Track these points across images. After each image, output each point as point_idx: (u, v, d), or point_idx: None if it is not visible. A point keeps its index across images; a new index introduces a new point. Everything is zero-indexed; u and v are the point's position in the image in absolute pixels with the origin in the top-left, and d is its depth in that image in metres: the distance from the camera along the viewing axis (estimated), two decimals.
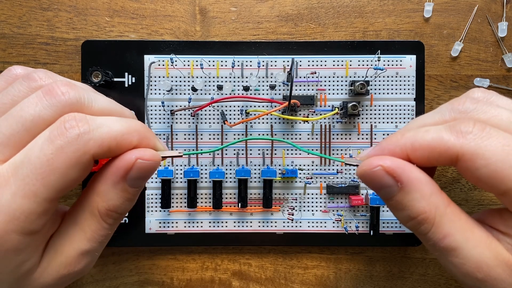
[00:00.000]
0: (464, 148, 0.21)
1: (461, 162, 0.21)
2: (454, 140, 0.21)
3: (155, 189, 0.39)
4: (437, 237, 0.22)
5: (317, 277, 0.40)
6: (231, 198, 0.39)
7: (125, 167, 0.22)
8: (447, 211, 0.22)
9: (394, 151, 0.23)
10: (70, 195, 0.40)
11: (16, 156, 0.20)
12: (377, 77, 0.38)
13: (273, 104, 0.38)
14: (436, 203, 0.22)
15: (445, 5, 0.40)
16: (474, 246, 0.21)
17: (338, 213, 0.39)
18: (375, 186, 0.23)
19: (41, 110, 0.20)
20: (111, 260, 0.40)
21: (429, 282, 0.40)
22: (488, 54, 0.40)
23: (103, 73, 0.36)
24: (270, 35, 0.40)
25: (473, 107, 0.23)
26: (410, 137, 0.22)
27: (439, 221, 0.22)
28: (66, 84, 0.21)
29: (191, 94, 0.38)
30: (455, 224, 0.22)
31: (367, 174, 0.23)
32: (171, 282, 0.40)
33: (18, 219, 0.19)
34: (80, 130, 0.20)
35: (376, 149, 0.24)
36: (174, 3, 0.40)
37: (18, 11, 0.40)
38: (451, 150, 0.21)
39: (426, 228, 0.22)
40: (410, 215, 0.22)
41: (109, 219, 0.23)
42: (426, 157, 0.22)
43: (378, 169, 0.22)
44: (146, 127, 0.23)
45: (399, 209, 0.23)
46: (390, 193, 0.23)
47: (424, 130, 0.22)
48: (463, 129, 0.21)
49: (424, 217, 0.22)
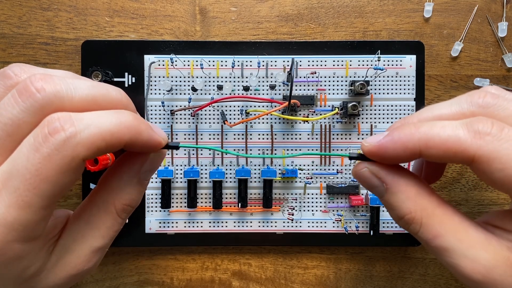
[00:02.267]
0: (481, 150, 0.20)
1: (477, 164, 0.20)
2: (471, 141, 0.20)
3: (155, 189, 0.39)
4: (427, 237, 0.22)
5: (317, 277, 0.40)
6: (231, 198, 0.39)
7: (140, 161, 0.22)
8: (436, 212, 0.22)
9: (407, 145, 0.22)
10: (70, 195, 0.40)
11: (3, 166, 0.19)
12: (377, 77, 0.38)
13: (273, 104, 0.38)
14: (423, 204, 0.22)
15: (445, 5, 0.40)
16: (468, 247, 0.21)
17: (338, 213, 0.39)
18: (366, 185, 0.24)
19: (19, 113, 0.19)
20: (111, 260, 0.40)
21: (429, 282, 0.40)
22: (488, 54, 0.40)
23: (103, 73, 0.36)
24: (270, 35, 0.40)
25: (493, 102, 0.22)
26: (425, 132, 0.21)
27: (427, 222, 0.22)
28: (41, 79, 0.19)
29: (191, 94, 0.38)
30: (446, 225, 0.22)
31: (357, 174, 0.24)
32: (171, 282, 0.40)
33: (17, 230, 0.19)
34: (66, 134, 0.18)
35: (387, 139, 0.23)
36: (174, 3, 0.40)
37: (18, 11, 0.40)
38: (467, 151, 0.20)
39: (414, 228, 0.22)
40: (398, 215, 0.23)
41: (124, 213, 0.23)
42: (440, 156, 0.21)
43: (364, 170, 0.23)
44: (138, 119, 0.21)
45: (389, 208, 0.24)
46: (379, 193, 0.24)
47: (440, 125, 0.21)
48: (481, 129, 0.20)
49: (410, 217, 0.22)
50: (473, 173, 0.40)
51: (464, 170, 0.40)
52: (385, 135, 0.23)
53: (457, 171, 0.40)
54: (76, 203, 0.40)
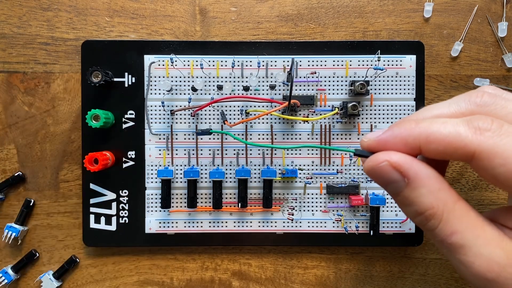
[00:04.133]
0: (481, 146, 0.20)
1: (477, 160, 0.20)
2: (471, 137, 0.20)
3: (155, 189, 0.39)
4: (445, 234, 0.21)
5: (317, 277, 0.40)
6: (231, 198, 0.39)
7: None
8: (456, 207, 0.21)
9: (407, 140, 0.22)
10: (70, 195, 0.40)
11: None
12: (377, 77, 0.38)
13: (273, 104, 0.38)
14: (445, 198, 0.21)
15: (445, 5, 0.40)
16: (484, 244, 0.20)
17: (338, 213, 0.39)
18: (382, 181, 0.23)
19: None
20: (111, 260, 0.40)
21: (429, 282, 0.40)
22: (488, 54, 0.40)
23: (103, 73, 0.36)
24: (270, 35, 0.40)
25: (491, 101, 0.22)
26: (425, 128, 0.21)
27: (447, 217, 0.21)
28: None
29: (191, 94, 0.38)
30: (464, 221, 0.21)
31: (374, 170, 0.23)
32: (171, 282, 0.40)
33: None
34: None
35: (387, 134, 0.23)
36: (174, 3, 0.40)
37: (18, 11, 0.40)
38: (468, 147, 0.20)
39: (433, 224, 0.22)
40: (417, 211, 0.22)
41: None
42: (440, 151, 0.21)
43: (384, 164, 0.22)
44: None
45: (407, 204, 0.22)
46: (397, 188, 0.22)
47: (441, 122, 0.21)
48: (482, 125, 0.20)
49: (432, 213, 0.21)
50: (473, 173, 0.40)
51: (464, 170, 0.40)
52: (385, 131, 0.23)
53: (457, 171, 0.40)
54: (76, 203, 0.40)
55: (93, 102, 0.38)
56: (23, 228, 0.40)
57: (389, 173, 0.22)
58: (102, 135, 0.39)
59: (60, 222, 0.40)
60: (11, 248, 0.40)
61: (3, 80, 0.40)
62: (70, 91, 0.40)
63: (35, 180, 0.40)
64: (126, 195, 0.39)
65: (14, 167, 0.40)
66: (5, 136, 0.40)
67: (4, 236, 0.39)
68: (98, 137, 0.39)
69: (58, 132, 0.40)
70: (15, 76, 0.40)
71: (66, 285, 0.41)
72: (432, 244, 0.40)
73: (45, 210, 0.40)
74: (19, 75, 0.40)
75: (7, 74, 0.40)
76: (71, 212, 0.40)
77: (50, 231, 0.40)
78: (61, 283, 0.40)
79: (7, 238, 0.39)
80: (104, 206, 0.39)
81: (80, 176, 0.40)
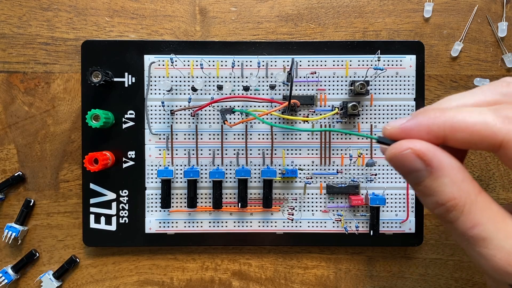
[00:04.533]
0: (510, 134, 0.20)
1: (505, 149, 0.20)
2: (500, 126, 0.20)
3: (155, 189, 0.39)
4: (466, 226, 0.21)
5: (317, 277, 0.40)
6: (231, 198, 0.39)
7: None
8: (478, 199, 0.21)
9: (431, 128, 0.21)
10: (70, 195, 0.40)
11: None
12: (377, 77, 0.38)
13: (273, 104, 0.38)
14: (467, 190, 0.21)
15: (445, 5, 0.40)
16: (506, 237, 0.20)
17: (338, 213, 0.39)
18: (404, 170, 0.22)
19: None
20: (111, 260, 0.40)
21: (429, 282, 0.40)
22: (488, 54, 0.40)
23: (103, 73, 0.36)
24: (270, 35, 0.40)
25: None
26: (451, 116, 0.21)
27: (469, 209, 0.21)
28: None
29: (191, 94, 0.38)
30: (485, 213, 0.21)
31: (396, 158, 0.22)
32: (171, 282, 0.40)
33: None
34: None
35: (412, 122, 0.22)
36: (174, 3, 0.40)
37: (18, 11, 0.40)
38: (496, 135, 0.20)
39: (454, 215, 0.21)
40: (439, 201, 0.21)
41: None
42: (467, 140, 0.21)
43: (408, 152, 0.21)
44: None
45: (428, 194, 0.22)
46: (419, 177, 0.22)
47: (467, 110, 0.21)
48: (510, 114, 0.20)
49: (453, 204, 0.21)
50: (477, 172, 0.40)
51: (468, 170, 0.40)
52: (409, 119, 0.22)
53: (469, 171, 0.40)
54: (76, 203, 0.40)
55: (93, 102, 0.38)
56: (23, 228, 0.40)
57: (412, 161, 0.21)
58: (102, 135, 0.39)
59: (60, 222, 0.40)
60: (11, 248, 0.40)
61: (3, 80, 0.40)
62: (70, 91, 0.40)
63: (35, 180, 0.40)
64: (126, 195, 0.39)
65: (14, 167, 0.40)
66: (5, 136, 0.40)
67: (4, 236, 0.39)
68: (98, 137, 0.39)
69: (58, 132, 0.40)
70: (15, 76, 0.40)
71: (66, 285, 0.41)
72: (432, 244, 0.40)
73: (45, 210, 0.40)
74: (19, 75, 0.40)
75: (7, 74, 0.40)
76: (71, 212, 0.40)
77: (50, 231, 0.40)
78: (61, 283, 0.40)
79: (7, 238, 0.39)
80: (104, 206, 0.39)
81: (80, 176, 0.40)
